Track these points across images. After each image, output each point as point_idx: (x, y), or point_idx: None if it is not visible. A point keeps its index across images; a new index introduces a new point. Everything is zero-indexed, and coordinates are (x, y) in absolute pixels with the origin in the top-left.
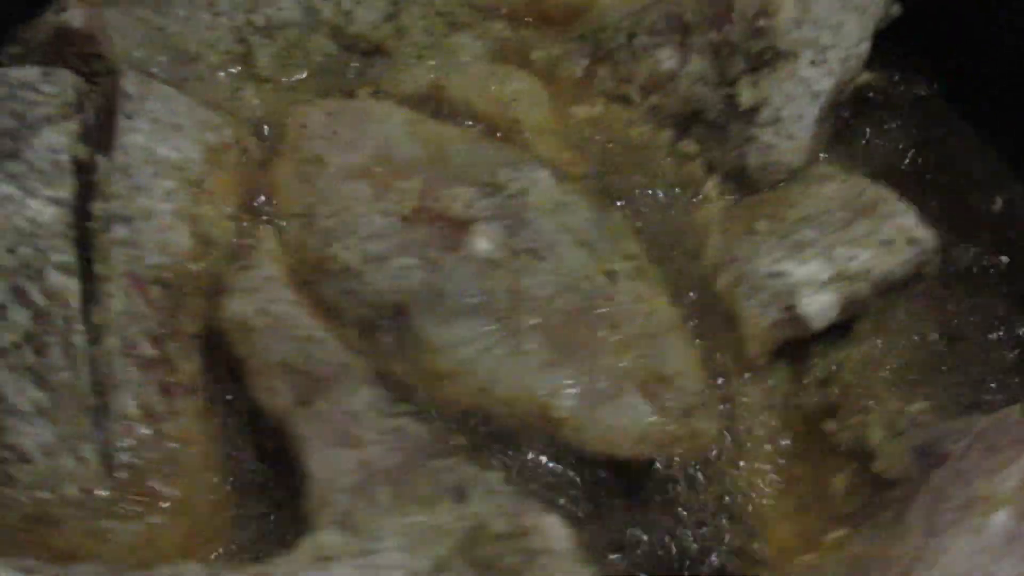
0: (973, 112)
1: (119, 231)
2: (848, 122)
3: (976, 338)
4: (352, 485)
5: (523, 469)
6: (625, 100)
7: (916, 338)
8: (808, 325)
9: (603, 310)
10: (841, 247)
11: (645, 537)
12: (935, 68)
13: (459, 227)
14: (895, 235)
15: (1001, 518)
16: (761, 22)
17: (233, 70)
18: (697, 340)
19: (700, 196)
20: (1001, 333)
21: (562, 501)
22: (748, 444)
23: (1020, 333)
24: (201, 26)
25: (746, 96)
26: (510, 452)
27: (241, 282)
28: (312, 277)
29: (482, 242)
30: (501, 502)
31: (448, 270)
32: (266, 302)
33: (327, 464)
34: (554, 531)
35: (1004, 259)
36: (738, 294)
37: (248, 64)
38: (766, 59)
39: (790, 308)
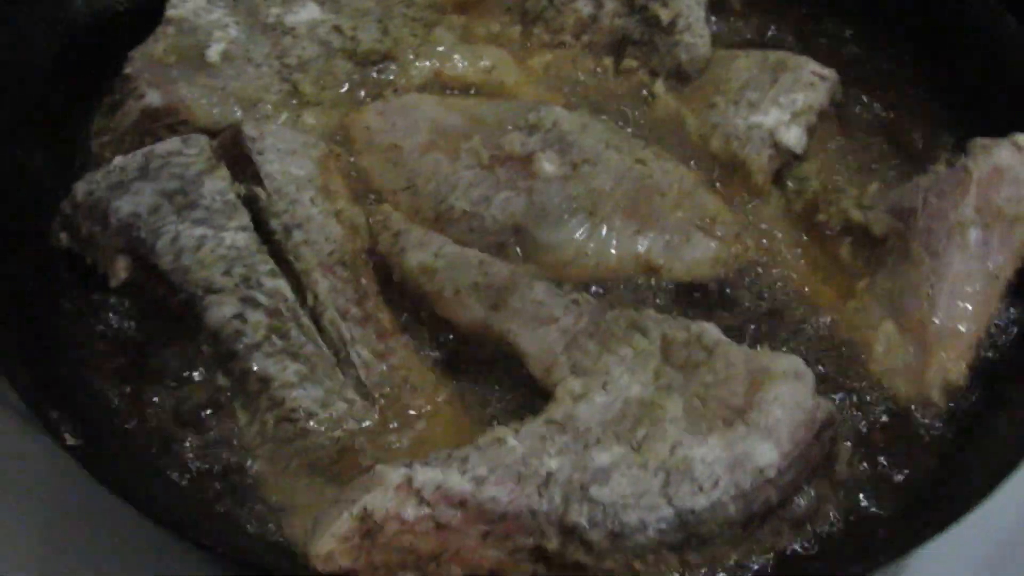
0: None
1: (298, 235)
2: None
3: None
4: (564, 346)
5: (649, 306)
6: (563, 45)
7: (846, 142)
8: (793, 151)
9: (650, 186)
10: (782, 96)
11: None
12: None
13: (526, 161)
14: (811, 77)
15: (974, 233)
16: None
17: (290, 103)
18: (716, 186)
19: (654, 95)
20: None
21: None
22: (775, 246)
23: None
24: (251, 78)
25: (664, 14)
26: (634, 298)
27: (407, 241)
28: (436, 228)
29: (548, 166)
30: (669, 324)
31: (538, 191)
32: (437, 247)
33: (537, 340)
34: (713, 330)
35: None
36: (734, 147)
37: (298, 95)
38: None
39: (776, 144)
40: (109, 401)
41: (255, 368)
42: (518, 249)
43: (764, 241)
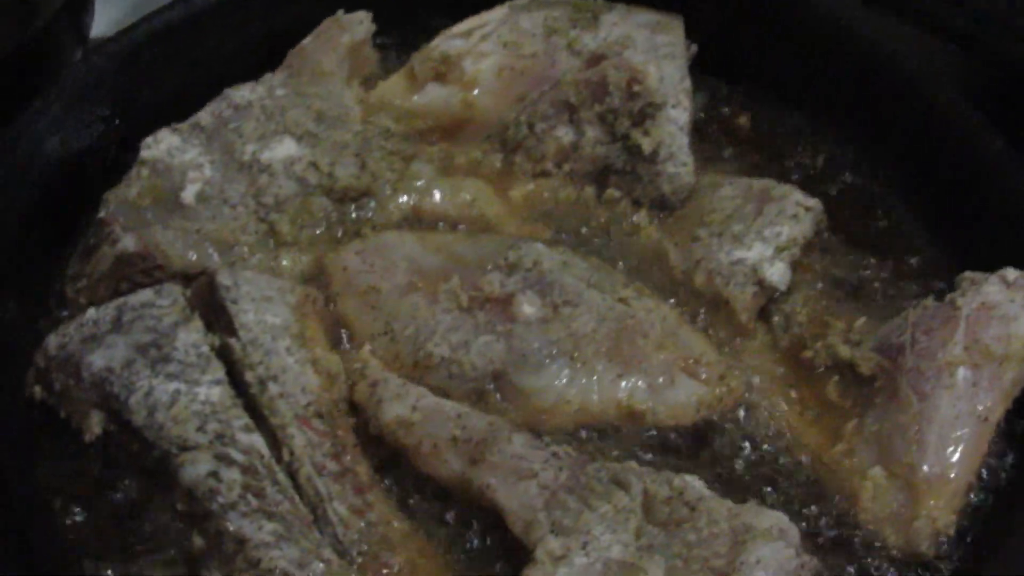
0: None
1: (273, 388)
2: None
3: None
4: (543, 503)
5: (631, 456)
6: (545, 174)
7: (833, 275)
8: (777, 287)
9: (632, 326)
10: (766, 229)
11: (729, 466)
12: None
13: (505, 302)
14: (795, 208)
15: (963, 372)
16: (636, 87)
17: (266, 243)
18: (701, 323)
19: (636, 225)
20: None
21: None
22: (761, 386)
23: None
24: (228, 219)
25: (645, 144)
26: (616, 448)
27: (384, 393)
28: (414, 374)
29: (527, 308)
30: (652, 478)
31: (518, 335)
32: (414, 400)
33: (517, 496)
34: (697, 483)
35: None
36: (718, 284)
37: (275, 235)
38: (647, 113)
39: (760, 281)
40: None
41: (231, 528)
42: (498, 395)
43: (749, 381)
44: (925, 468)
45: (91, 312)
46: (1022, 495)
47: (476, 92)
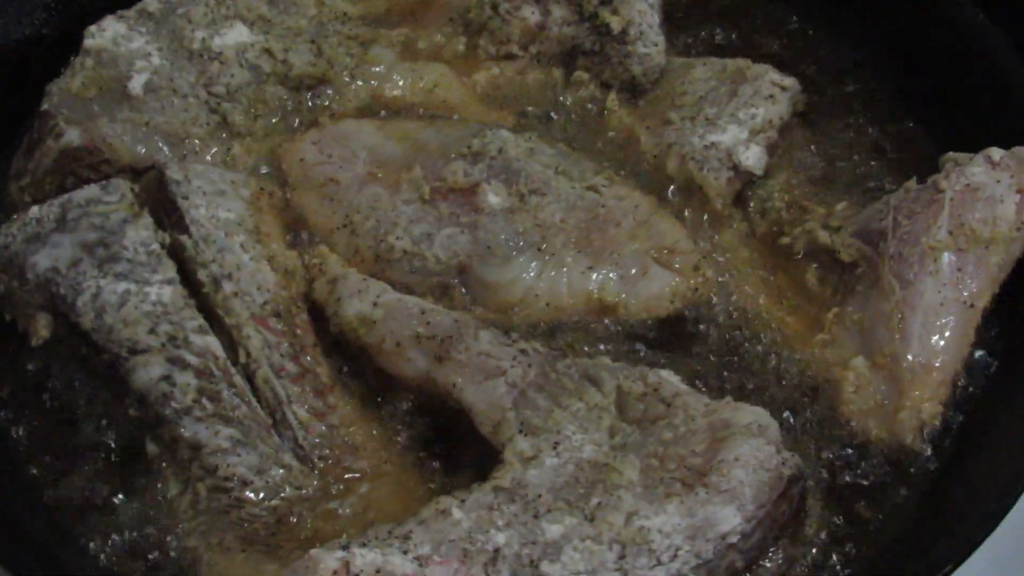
0: None
1: (228, 287)
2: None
3: (844, 142)
4: (512, 402)
5: (603, 351)
6: (511, 57)
7: (810, 157)
8: (753, 172)
9: (603, 215)
10: (741, 111)
11: (704, 360)
12: None
13: (470, 192)
14: (771, 89)
15: (947, 258)
16: None
17: (219, 135)
18: (673, 210)
19: (605, 109)
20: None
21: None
22: (738, 275)
23: (873, 135)
24: (177, 110)
25: (614, 23)
26: (587, 343)
27: (344, 290)
28: (376, 269)
29: (493, 197)
30: (625, 373)
31: (483, 226)
32: (375, 296)
33: (484, 395)
34: (672, 378)
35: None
36: (691, 169)
37: (227, 126)
38: None
39: (735, 166)
40: (25, 472)
41: (185, 434)
42: (463, 290)
43: (725, 271)
44: (909, 357)
45: (34, 210)
46: (1012, 383)
47: None
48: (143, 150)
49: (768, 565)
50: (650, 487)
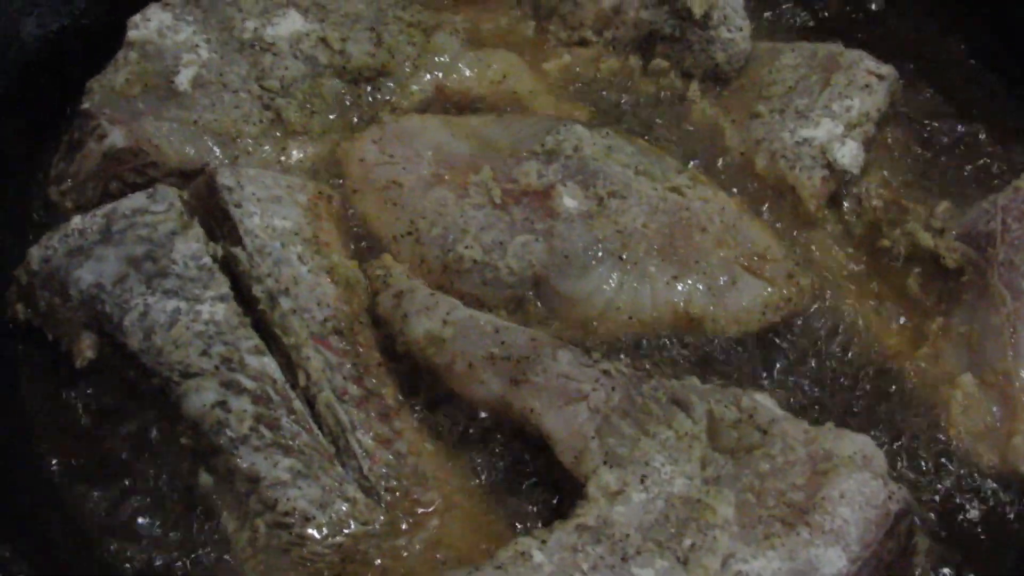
0: None
1: (285, 303)
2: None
3: (950, 138)
4: (595, 429)
5: (691, 371)
6: (584, 43)
7: (908, 153)
8: (849, 171)
9: (688, 219)
10: (835, 103)
11: (800, 379)
12: None
13: (544, 196)
14: (867, 77)
15: None
16: None
17: (272, 133)
18: (763, 212)
19: (687, 100)
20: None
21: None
22: (833, 283)
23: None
24: (228, 107)
25: (696, 5)
26: (674, 362)
27: (411, 305)
28: (444, 280)
29: (569, 201)
30: (716, 397)
31: (560, 233)
32: (445, 313)
33: (565, 421)
34: (768, 402)
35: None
36: (782, 167)
37: (281, 124)
38: None
39: (830, 164)
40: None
41: (242, 465)
42: (538, 303)
43: (819, 278)
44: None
45: (76, 220)
46: None
47: None
48: (192, 151)
49: None
50: (747, 526)
